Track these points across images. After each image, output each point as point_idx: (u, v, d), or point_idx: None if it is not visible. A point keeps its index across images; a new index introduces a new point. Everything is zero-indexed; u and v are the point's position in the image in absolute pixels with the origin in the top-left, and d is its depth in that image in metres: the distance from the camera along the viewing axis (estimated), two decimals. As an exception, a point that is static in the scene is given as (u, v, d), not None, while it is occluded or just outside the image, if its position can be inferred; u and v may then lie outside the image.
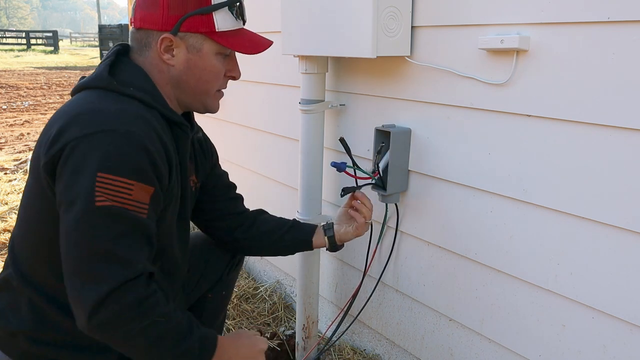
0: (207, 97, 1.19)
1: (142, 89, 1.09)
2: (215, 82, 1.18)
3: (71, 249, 0.95)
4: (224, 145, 2.65)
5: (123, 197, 0.96)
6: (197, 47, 1.12)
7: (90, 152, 0.95)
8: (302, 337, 1.87)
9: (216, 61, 1.15)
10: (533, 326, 1.28)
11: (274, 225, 1.48)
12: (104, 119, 0.98)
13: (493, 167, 1.30)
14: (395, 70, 1.51)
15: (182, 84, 1.15)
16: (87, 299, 0.93)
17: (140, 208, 0.98)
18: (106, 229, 0.94)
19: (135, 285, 0.96)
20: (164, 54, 1.11)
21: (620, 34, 1.02)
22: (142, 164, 0.98)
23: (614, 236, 1.09)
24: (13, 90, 10.49)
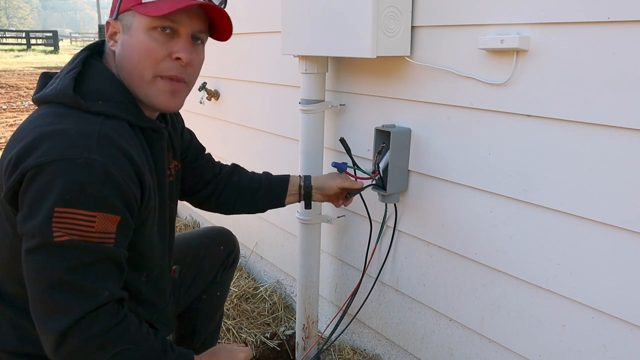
0: (143, 83, 1.04)
1: (109, 97, 1.01)
2: (149, 63, 1.02)
3: (32, 282, 0.93)
4: (224, 146, 2.65)
5: (83, 231, 0.91)
6: (128, 24, 1.03)
7: (48, 184, 0.89)
8: (302, 337, 1.87)
9: (145, 37, 1.01)
10: (533, 326, 1.28)
11: (246, 192, 1.45)
12: (63, 146, 0.91)
13: (493, 167, 1.30)
14: (395, 70, 1.51)
15: (122, 72, 1.05)
16: (52, 330, 0.91)
17: (105, 238, 0.94)
18: (66, 261, 0.91)
19: (102, 314, 0.94)
20: (110, 41, 1.06)
21: (620, 34, 1.02)
22: (105, 193, 0.92)
23: (614, 236, 1.09)
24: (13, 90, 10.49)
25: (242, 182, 1.46)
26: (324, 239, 1.87)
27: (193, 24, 1.05)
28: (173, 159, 1.28)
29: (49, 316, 0.92)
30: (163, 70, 1.04)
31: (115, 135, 0.97)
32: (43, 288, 0.92)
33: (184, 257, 1.46)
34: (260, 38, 2.16)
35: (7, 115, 7.62)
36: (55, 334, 0.91)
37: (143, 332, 1.03)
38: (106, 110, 0.99)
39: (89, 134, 0.93)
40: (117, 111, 1.01)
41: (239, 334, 2.02)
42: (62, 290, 0.92)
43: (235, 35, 2.31)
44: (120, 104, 1.02)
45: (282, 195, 1.46)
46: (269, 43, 2.11)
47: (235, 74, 2.39)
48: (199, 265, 1.49)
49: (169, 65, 1.04)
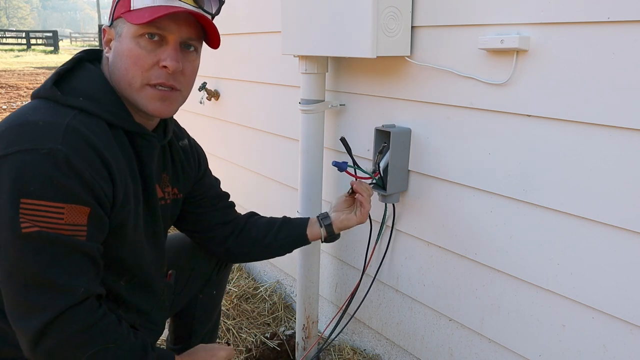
0: (132, 90, 1.03)
1: (90, 96, 1.00)
2: (136, 71, 1.01)
3: (5, 279, 0.91)
4: (224, 146, 2.65)
5: (53, 223, 0.89)
6: (119, 32, 1.03)
7: (11, 175, 0.88)
8: (302, 337, 1.87)
9: (134, 44, 1.00)
10: (533, 326, 1.28)
11: (264, 227, 1.42)
12: (28, 136, 0.90)
13: (493, 167, 1.30)
14: (395, 70, 1.51)
15: (114, 78, 1.05)
16: (29, 329, 0.90)
17: (76, 231, 0.92)
18: (37, 256, 0.89)
19: (81, 311, 0.93)
20: (105, 47, 1.06)
21: (620, 34, 1.02)
22: (71, 185, 0.90)
23: (614, 236, 1.09)
24: (13, 90, 10.49)
25: (259, 221, 1.44)
26: (324, 239, 1.87)
27: (182, 31, 1.04)
28: (171, 184, 1.26)
29: (24, 315, 0.90)
30: (151, 78, 1.03)
31: (85, 129, 0.95)
32: (17, 287, 0.90)
33: (178, 256, 1.46)
34: (260, 38, 2.16)
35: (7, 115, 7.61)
36: (31, 333, 0.90)
37: (123, 330, 1.01)
38: (84, 106, 0.98)
39: (57, 126, 0.93)
40: (96, 109, 0.99)
41: (239, 334, 2.02)
42: (36, 288, 0.90)
43: (235, 35, 2.32)
44: (99, 103, 1.01)
45: (303, 226, 1.42)
46: (269, 43, 2.11)
47: (235, 74, 2.39)
48: (193, 265, 1.49)
49: (156, 73, 1.03)
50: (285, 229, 1.42)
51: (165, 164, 1.23)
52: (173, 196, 1.28)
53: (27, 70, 15.70)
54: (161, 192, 1.23)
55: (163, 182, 1.24)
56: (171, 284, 1.41)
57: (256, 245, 1.42)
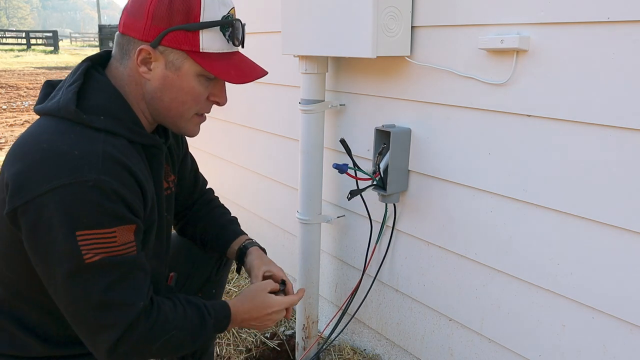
0: (181, 119, 1.10)
1: (109, 113, 1.01)
2: (193, 105, 1.08)
3: (69, 304, 0.97)
4: (224, 146, 2.65)
5: (110, 246, 0.95)
6: (176, 64, 1.03)
7: (60, 210, 0.90)
8: (302, 337, 1.87)
9: (196, 83, 1.06)
10: (533, 326, 1.28)
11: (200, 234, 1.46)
12: (70, 168, 0.91)
13: (493, 167, 1.30)
14: (395, 70, 1.51)
15: (156, 102, 1.07)
16: (101, 348, 0.98)
17: (129, 248, 0.98)
18: (101, 280, 0.95)
19: (140, 321, 0.99)
20: (141, 66, 1.03)
21: (620, 34, 1.02)
22: (119, 210, 0.95)
23: (614, 236, 1.09)
24: (13, 90, 10.49)
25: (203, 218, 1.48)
26: (324, 239, 1.87)
27: None
28: (172, 172, 1.30)
29: (93, 335, 0.98)
30: (201, 109, 1.12)
31: (118, 153, 0.98)
32: (86, 311, 0.96)
33: (177, 255, 1.46)
34: (260, 38, 2.16)
35: (7, 115, 7.62)
36: (105, 348, 0.97)
37: (179, 313, 1.07)
38: (107, 126, 1.00)
39: (94, 154, 0.94)
40: (117, 128, 1.02)
41: (239, 334, 2.02)
42: (104, 310, 0.96)
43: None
44: (120, 121, 1.03)
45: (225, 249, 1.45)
46: (269, 43, 2.11)
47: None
48: (193, 264, 1.49)
49: (206, 105, 1.12)
50: (212, 245, 1.46)
51: (165, 156, 1.25)
52: (173, 183, 1.31)
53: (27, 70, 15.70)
54: (166, 183, 1.26)
55: (166, 173, 1.26)
56: (172, 287, 1.41)
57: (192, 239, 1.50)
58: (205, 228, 1.46)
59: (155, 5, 0.99)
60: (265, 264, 1.36)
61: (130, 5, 1.03)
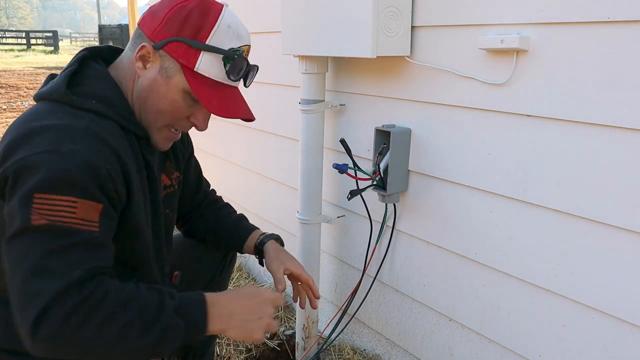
0: (153, 125, 1.10)
1: (102, 98, 1.02)
2: (169, 117, 1.08)
3: (12, 273, 0.89)
4: (223, 145, 2.66)
5: (65, 216, 0.89)
6: (168, 73, 1.04)
7: (31, 174, 0.89)
8: (302, 337, 1.87)
9: (179, 97, 1.06)
10: (533, 326, 1.28)
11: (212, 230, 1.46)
12: (49, 139, 0.92)
13: (493, 167, 1.30)
14: (395, 70, 1.51)
15: (140, 100, 1.08)
16: (26, 320, 0.85)
17: (88, 225, 0.92)
18: (44, 245, 0.87)
19: (73, 291, 0.87)
20: (137, 61, 1.05)
21: (620, 34, 1.02)
22: (85, 181, 0.91)
23: (614, 236, 1.09)
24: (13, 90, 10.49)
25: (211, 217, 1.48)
26: (324, 239, 1.87)
27: None
28: (175, 170, 1.29)
29: (22, 307, 0.86)
30: (176, 125, 1.11)
31: (103, 132, 0.98)
32: (20, 279, 0.86)
33: (182, 256, 1.46)
34: (260, 38, 2.16)
35: (7, 115, 7.62)
36: (28, 323, 0.84)
37: (128, 290, 0.93)
38: (98, 109, 1.01)
39: (76, 129, 0.95)
40: (109, 112, 1.02)
41: (239, 334, 2.02)
42: (35, 278, 0.86)
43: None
44: (112, 106, 1.04)
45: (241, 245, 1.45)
46: (269, 43, 2.11)
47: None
48: (197, 265, 1.49)
49: (183, 124, 1.12)
50: (226, 244, 1.46)
51: (167, 152, 1.26)
52: (178, 180, 1.31)
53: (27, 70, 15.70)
54: (169, 180, 1.26)
55: (169, 170, 1.27)
56: (176, 286, 1.41)
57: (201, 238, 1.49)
58: (215, 228, 1.46)
59: (174, 12, 1.03)
60: (282, 261, 1.35)
61: (157, 5, 1.07)
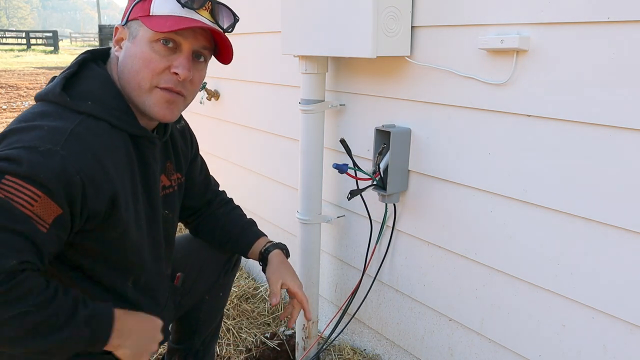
0: (141, 92, 1.05)
1: (98, 99, 1.01)
2: (147, 74, 1.03)
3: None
4: (224, 146, 2.65)
5: (23, 202, 0.88)
6: (134, 34, 1.05)
7: (8, 162, 0.89)
8: (302, 337, 1.87)
9: (148, 48, 1.03)
10: (533, 326, 1.28)
11: (219, 235, 1.46)
12: (31, 137, 0.92)
13: (493, 167, 1.30)
14: (395, 70, 1.51)
15: (122, 78, 1.06)
16: None
17: (40, 222, 0.90)
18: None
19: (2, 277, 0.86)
20: (115, 46, 1.07)
21: (620, 34, 1.02)
22: (53, 184, 0.90)
23: (614, 236, 1.09)
24: (13, 90, 10.49)
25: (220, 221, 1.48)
26: (324, 239, 1.87)
27: (196, 41, 1.07)
28: (176, 171, 1.29)
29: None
30: (160, 81, 1.05)
31: (89, 135, 0.97)
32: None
33: (186, 259, 1.46)
34: (260, 38, 2.16)
35: (7, 115, 7.62)
36: None
37: (49, 292, 0.93)
38: (91, 110, 1.00)
39: (61, 130, 0.94)
40: (103, 113, 1.01)
41: (239, 334, 2.02)
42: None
43: (235, 35, 2.32)
44: (107, 107, 1.03)
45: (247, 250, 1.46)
46: (269, 43, 2.11)
47: (235, 74, 2.39)
48: (200, 268, 1.49)
49: (166, 78, 1.05)
50: (232, 246, 1.47)
51: (167, 153, 1.25)
52: (178, 182, 1.30)
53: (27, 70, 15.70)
54: (168, 180, 1.25)
55: (169, 170, 1.26)
56: (178, 287, 1.41)
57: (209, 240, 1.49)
58: (224, 228, 1.46)
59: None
60: (282, 275, 1.35)
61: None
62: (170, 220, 1.28)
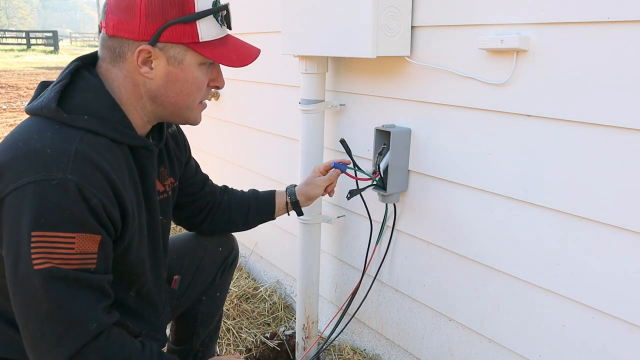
0: (189, 110, 1.09)
1: (94, 113, 0.98)
2: (198, 95, 1.09)
3: (21, 312, 0.92)
4: (223, 145, 2.65)
5: (63, 255, 0.90)
6: (178, 58, 1.02)
7: (23, 208, 0.88)
8: (302, 337, 1.87)
9: (199, 73, 1.06)
10: (533, 326, 1.28)
11: (236, 208, 1.49)
12: (37, 166, 0.89)
13: (493, 167, 1.30)
14: (395, 70, 1.51)
15: (161, 98, 1.05)
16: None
17: (85, 260, 0.93)
18: (50, 292, 0.90)
19: (96, 348, 0.94)
20: (142, 67, 1.00)
21: (620, 34, 1.02)
22: (83, 216, 0.91)
23: (614, 236, 1.09)
24: (13, 90, 10.49)
25: (231, 202, 1.50)
26: (324, 239, 1.87)
27: None
28: (169, 175, 1.27)
29: (43, 352, 0.92)
30: (204, 96, 1.12)
31: (93, 153, 0.94)
32: (33, 322, 0.91)
33: (182, 259, 1.46)
34: (260, 38, 2.16)
35: (7, 115, 7.62)
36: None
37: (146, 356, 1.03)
38: (89, 126, 0.96)
39: (66, 153, 0.91)
40: (99, 127, 0.98)
41: (239, 334, 2.02)
42: (50, 325, 0.91)
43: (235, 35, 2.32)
44: (104, 120, 0.99)
45: (271, 211, 1.51)
46: (269, 43, 2.11)
47: (235, 74, 2.39)
48: (197, 267, 1.49)
49: (208, 92, 1.13)
50: (255, 211, 1.49)
51: (161, 158, 1.23)
52: (172, 186, 1.29)
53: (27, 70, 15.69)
54: (162, 186, 1.24)
55: (162, 176, 1.24)
56: (175, 290, 1.40)
57: (229, 227, 1.51)
58: (240, 208, 1.49)
59: (146, 2, 0.96)
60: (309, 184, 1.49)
61: (113, 5, 0.98)
62: (166, 226, 1.27)
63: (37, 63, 19.02)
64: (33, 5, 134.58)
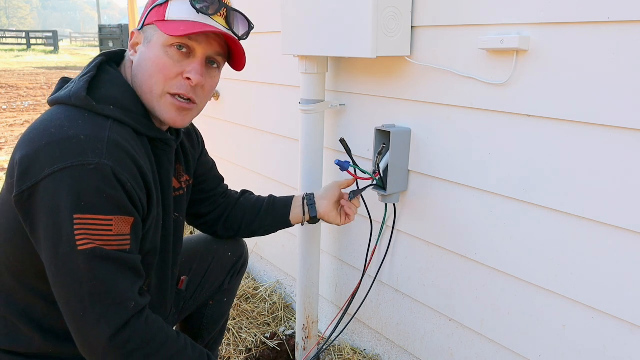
0: (152, 97, 1.05)
1: (119, 104, 1.02)
2: (160, 78, 1.04)
3: (62, 290, 0.94)
4: (223, 145, 2.65)
5: (104, 236, 0.93)
6: (149, 38, 1.05)
7: (62, 192, 0.90)
8: (302, 337, 1.87)
9: (161, 52, 1.03)
10: (533, 326, 1.28)
11: (251, 212, 1.47)
12: (73, 151, 0.91)
13: (493, 167, 1.30)
14: (395, 70, 1.51)
15: (136, 81, 1.07)
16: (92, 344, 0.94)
17: (122, 241, 0.96)
18: (93, 272, 0.93)
19: (138, 326, 0.97)
20: (131, 50, 1.08)
21: (620, 34, 1.02)
22: (118, 197, 0.94)
23: (614, 236, 1.09)
24: (13, 90, 10.49)
25: (247, 203, 1.49)
26: (324, 239, 1.87)
27: (210, 46, 1.07)
28: (185, 172, 1.29)
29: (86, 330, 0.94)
30: (172, 87, 1.05)
31: (123, 141, 0.98)
32: (75, 300, 0.93)
33: (191, 262, 1.46)
34: (260, 38, 2.16)
35: (7, 115, 7.62)
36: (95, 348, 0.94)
37: (181, 343, 1.05)
38: (116, 115, 1.01)
39: (99, 139, 0.94)
40: (125, 118, 1.02)
41: (239, 334, 2.02)
42: (93, 303, 0.93)
43: (235, 35, 2.32)
44: (129, 112, 1.03)
45: (287, 211, 1.47)
46: (269, 43, 2.11)
47: (236, 74, 2.39)
48: (206, 271, 1.48)
49: (178, 83, 1.06)
50: (271, 215, 1.47)
51: (178, 155, 1.26)
52: (187, 184, 1.31)
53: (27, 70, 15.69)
54: (178, 183, 1.26)
55: (178, 173, 1.27)
56: (182, 290, 1.40)
57: (242, 230, 1.48)
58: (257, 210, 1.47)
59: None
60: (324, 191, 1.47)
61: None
62: (180, 223, 1.28)
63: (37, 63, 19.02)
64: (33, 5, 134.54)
